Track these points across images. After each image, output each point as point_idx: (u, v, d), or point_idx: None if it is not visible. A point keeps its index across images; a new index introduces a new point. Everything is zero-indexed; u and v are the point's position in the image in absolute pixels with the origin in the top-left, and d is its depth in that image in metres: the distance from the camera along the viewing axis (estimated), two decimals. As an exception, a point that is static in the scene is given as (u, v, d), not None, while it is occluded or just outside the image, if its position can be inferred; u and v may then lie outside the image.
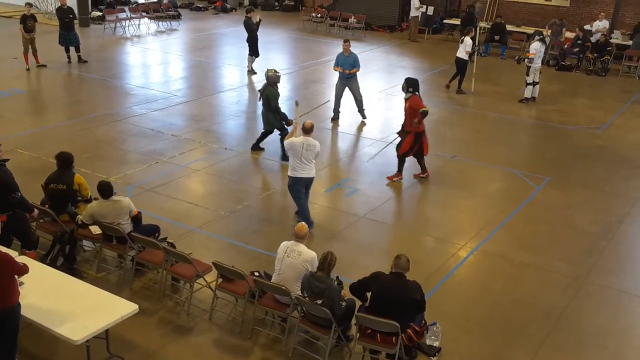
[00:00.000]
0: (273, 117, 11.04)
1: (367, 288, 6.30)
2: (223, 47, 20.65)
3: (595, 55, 18.45)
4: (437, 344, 6.56)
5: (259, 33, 16.75)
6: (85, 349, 5.83)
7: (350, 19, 22.83)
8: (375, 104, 14.09)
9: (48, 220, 7.97)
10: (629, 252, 8.97)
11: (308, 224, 8.62)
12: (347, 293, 6.51)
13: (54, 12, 18.80)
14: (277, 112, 11.01)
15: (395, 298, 6.06)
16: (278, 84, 11.12)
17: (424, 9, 21.99)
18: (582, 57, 18.67)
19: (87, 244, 8.08)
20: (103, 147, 11.61)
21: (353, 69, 13.10)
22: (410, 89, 10.30)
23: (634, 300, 7.73)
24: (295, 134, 8.90)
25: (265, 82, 11.07)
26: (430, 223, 9.52)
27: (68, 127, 12.59)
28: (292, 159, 8.66)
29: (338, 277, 6.90)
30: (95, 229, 7.58)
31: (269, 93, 10.93)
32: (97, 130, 12.41)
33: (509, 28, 21.00)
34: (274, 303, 6.67)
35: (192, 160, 11.15)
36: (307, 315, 6.43)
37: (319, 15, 23.64)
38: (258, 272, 7.15)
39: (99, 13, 22.46)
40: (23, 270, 5.64)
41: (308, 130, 8.67)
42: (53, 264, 7.29)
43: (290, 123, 10.95)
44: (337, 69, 13.24)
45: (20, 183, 7.39)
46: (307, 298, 6.29)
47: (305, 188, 8.88)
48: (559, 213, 9.79)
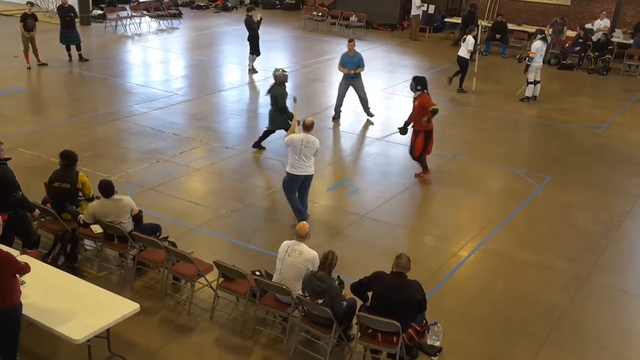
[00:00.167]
0: (280, 116, 11.03)
1: (368, 287, 6.30)
2: (224, 45, 20.64)
3: (597, 54, 18.43)
4: (438, 344, 6.56)
5: (260, 31, 16.74)
6: (87, 348, 5.83)
7: (351, 18, 22.83)
8: (377, 103, 14.06)
9: (49, 219, 7.98)
10: (630, 251, 8.96)
11: (302, 218, 8.73)
12: (348, 292, 6.51)
13: (55, 10, 18.79)
14: (284, 111, 10.97)
15: (396, 298, 6.06)
16: (286, 83, 11.08)
17: (425, 8, 21.97)
18: (583, 55, 18.64)
19: (88, 243, 8.09)
20: (104, 145, 11.61)
21: (358, 69, 13.07)
22: (419, 87, 10.23)
23: (635, 300, 7.73)
24: (295, 131, 8.92)
25: (273, 81, 11.03)
26: (431, 222, 9.52)
27: (69, 125, 12.60)
28: (291, 156, 8.68)
29: (339, 276, 6.89)
30: (97, 228, 7.58)
31: (277, 92, 10.90)
32: (98, 129, 12.41)
33: (510, 27, 20.95)
34: (275, 302, 6.67)
35: (193, 159, 11.15)
36: (308, 315, 6.43)
37: (320, 14, 23.62)
38: (259, 271, 7.15)
39: (100, 11, 22.44)
40: (24, 270, 5.64)
41: (308, 127, 8.68)
42: (54, 263, 7.29)
43: (299, 123, 10.91)
44: (342, 70, 13.16)
45: (21, 182, 7.39)
46: (308, 297, 6.29)
47: (303, 186, 8.89)
48: (560, 212, 9.78)
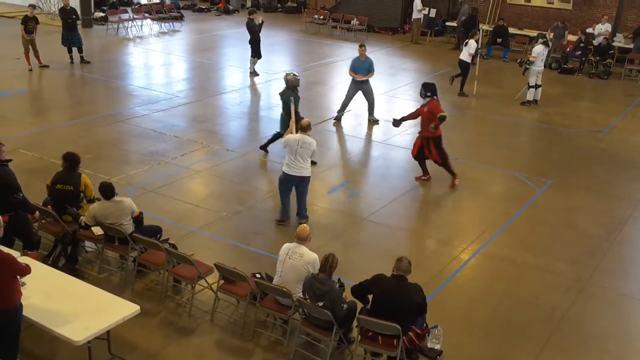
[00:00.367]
0: (287, 118, 10.84)
1: (368, 290, 6.30)
2: (225, 48, 20.67)
3: (598, 59, 18.44)
4: (438, 347, 6.55)
5: (262, 35, 16.77)
6: (87, 350, 5.82)
7: (353, 21, 22.87)
8: (378, 106, 14.05)
9: (50, 221, 7.97)
10: (632, 254, 8.96)
11: (283, 219, 8.99)
12: (348, 295, 6.51)
13: (57, 12, 18.83)
14: (295, 116, 10.78)
15: (397, 301, 6.05)
16: (298, 87, 10.97)
17: (427, 12, 22.02)
18: (584, 60, 18.67)
19: (89, 245, 8.09)
20: (105, 147, 11.61)
21: (368, 74, 13.13)
22: (429, 94, 10.25)
23: (637, 303, 7.73)
24: (293, 131, 8.97)
25: (285, 86, 10.90)
26: (432, 225, 9.52)
27: (70, 127, 12.61)
28: (287, 156, 8.76)
29: (340, 279, 6.88)
30: (97, 230, 7.57)
31: (288, 97, 10.73)
32: (99, 131, 12.41)
33: (512, 31, 21.01)
34: (276, 305, 6.66)
35: (194, 162, 11.15)
36: (308, 318, 6.42)
37: (322, 17, 23.64)
38: (259, 273, 7.14)
39: (102, 14, 22.49)
40: (25, 271, 5.64)
41: (305, 128, 8.73)
42: (55, 265, 7.30)
43: (294, 124, 10.89)
44: (353, 75, 13.14)
45: (22, 183, 7.40)
46: (308, 300, 6.28)
47: (299, 188, 8.91)
48: (561, 215, 9.78)
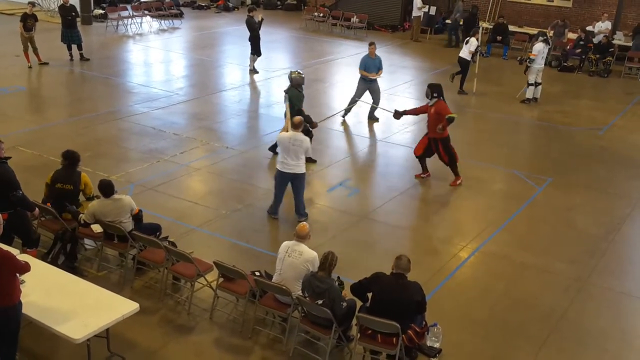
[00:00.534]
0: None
1: (367, 289, 6.30)
2: (225, 45, 20.65)
3: (598, 57, 18.43)
4: (437, 345, 6.56)
5: (261, 32, 16.75)
6: (86, 348, 5.84)
7: (353, 19, 22.83)
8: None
9: (49, 219, 7.97)
10: (631, 253, 8.96)
11: (272, 212, 9.10)
12: (347, 293, 6.51)
13: (57, 9, 18.81)
14: (300, 114, 10.56)
15: (396, 299, 6.05)
16: (303, 86, 10.89)
17: (426, 9, 21.98)
18: (584, 58, 18.66)
19: (88, 243, 8.09)
20: (104, 145, 11.61)
21: (379, 72, 13.17)
22: (435, 95, 10.22)
23: (635, 302, 7.73)
24: (288, 129, 8.97)
25: (289, 84, 10.82)
26: (432, 223, 9.52)
27: (70, 124, 12.60)
28: (280, 153, 8.79)
29: (339, 277, 6.89)
30: (97, 228, 7.58)
31: (292, 95, 10.66)
32: (98, 128, 12.41)
33: (512, 29, 20.98)
34: (275, 303, 6.67)
35: (193, 159, 11.15)
36: (307, 316, 6.42)
37: (322, 15, 23.63)
38: (259, 271, 7.15)
39: (102, 11, 22.45)
40: (25, 269, 5.64)
41: (297, 126, 8.74)
42: (54, 263, 7.29)
43: (315, 125, 10.84)
44: (363, 73, 13.12)
45: (22, 181, 7.39)
46: (307, 298, 6.28)
47: (294, 185, 8.92)
48: (561, 214, 9.78)
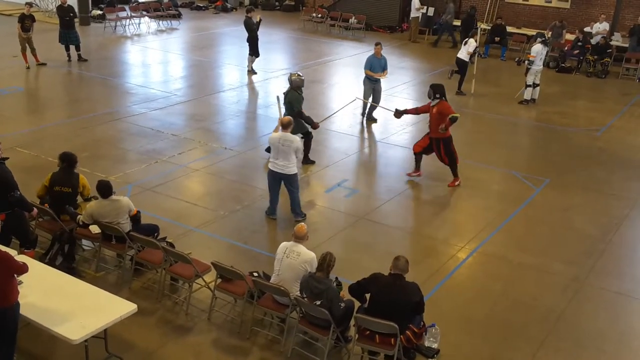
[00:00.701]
0: (295, 122, 10.40)
1: (365, 289, 6.30)
2: (223, 46, 20.65)
3: (595, 58, 18.48)
4: (435, 346, 6.56)
5: (259, 33, 16.76)
6: (84, 349, 5.83)
7: (351, 19, 22.85)
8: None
9: (47, 219, 7.96)
10: (628, 254, 8.97)
11: (270, 213, 9.13)
12: (346, 294, 6.51)
13: (55, 10, 18.79)
14: (300, 116, 10.65)
15: (394, 299, 6.05)
16: (302, 88, 10.82)
17: (425, 10, 22.02)
18: (582, 59, 18.69)
19: (86, 243, 8.08)
20: (102, 146, 11.60)
21: (384, 72, 13.17)
22: (438, 95, 10.22)
23: (633, 303, 7.74)
24: (279, 130, 8.97)
25: (289, 86, 10.77)
26: (430, 224, 9.52)
27: (68, 125, 12.59)
28: (271, 153, 8.87)
29: (337, 278, 6.89)
30: (95, 228, 7.57)
31: (292, 97, 10.62)
32: (96, 129, 12.40)
33: (509, 30, 21.02)
34: (273, 304, 6.67)
35: (191, 160, 11.15)
36: (305, 316, 6.42)
37: (320, 16, 23.65)
38: (257, 272, 7.14)
39: (100, 12, 22.47)
40: (22, 269, 5.63)
41: (285, 126, 8.77)
42: (52, 263, 7.28)
43: (317, 126, 10.81)
44: (370, 73, 13.10)
45: (20, 181, 7.38)
46: (306, 299, 6.29)
47: (286, 184, 8.94)
48: (558, 215, 9.79)
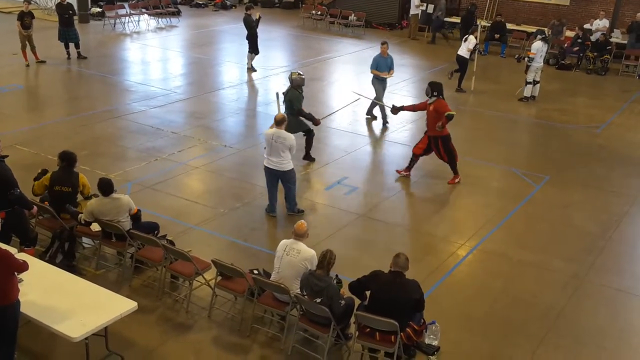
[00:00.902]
0: (296, 120, 10.53)
1: (366, 287, 6.30)
2: (223, 44, 20.62)
3: (595, 54, 18.47)
4: (435, 343, 6.57)
5: (259, 30, 16.74)
6: (84, 346, 5.84)
7: (351, 17, 22.82)
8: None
9: (47, 217, 7.97)
10: (628, 251, 8.97)
11: (270, 210, 9.15)
12: (346, 291, 6.52)
13: (54, 8, 18.77)
14: (301, 114, 10.64)
15: (394, 297, 6.06)
16: (303, 87, 10.72)
17: (424, 7, 21.98)
18: (582, 56, 18.68)
19: (86, 241, 8.09)
20: (102, 143, 11.59)
21: (390, 71, 13.17)
22: (435, 93, 10.22)
23: (633, 300, 7.75)
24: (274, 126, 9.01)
25: (289, 85, 10.67)
26: (430, 221, 9.52)
27: (67, 123, 12.58)
28: (266, 149, 8.90)
29: (337, 275, 6.90)
30: (95, 226, 7.57)
31: (292, 96, 10.54)
32: (96, 127, 12.39)
33: (509, 26, 20.98)
34: (273, 301, 6.67)
35: (191, 158, 11.15)
36: (306, 314, 6.43)
37: (319, 13, 23.63)
38: (257, 270, 7.15)
39: (99, 9, 22.43)
40: (23, 267, 5.63)
41: (278, 122, 8.77)
42: (52, 261, 7.29)
43: (318, 122, 10.78)
44: (376, 73, 13.07)
45: (19, 179, 7.37)
46: (306, 296, 6.29)
47: (281, 181, 8.97)
48: (558, 212, 9.79)
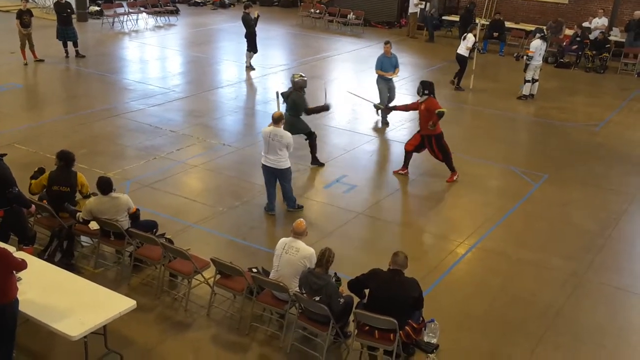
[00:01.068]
0: (297, 121, 10.48)
1: (365, 285, 6.30)
2: (221, 42, 20.61)
3: (594, 53, 18.48)
4: (434, 341, 6.57)
5: (258, 29, 16.74)
6: (83, 345, 5.83)
7: (349, 15, 22.82)
8: (374, 101, 14.04)
9: (46, 216, 7.96)
10: (627, 249, 8.97)
11: (269, 209, 9.14)
12: (345, 289, 6.51)
13: (52, 6, 18.75)
14: (311, 112, 10.66)
15: (393, 295, 6.06)
16: (305, 89, 10.59)
17: (423, 6, 21.98)
18: (580, 54, 18.68)
19: (85, 240, 8.08)
20: (100, 142, 11.58)
21: (396, 70, 13.13)
22: (426, 92, 10.21)
23: (632, 298, 7.75)
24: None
25: (292, 87, 10.54)
26: (428, 220, 9.52)
27: (66, 122, 12.56)
28: (263, 147, 8.90)
29: (336, 273, 6.89)
30: (93, 225, 7.56)
31: (297, 98, 10.42)
32: (94, 125, 12.37)
33: (508, 25, 20.99)
34: (272, 299, 6.67)
35: (190, 156, 11.14)
36: (305, 312, 6.43)
37: (318, 11, 23.63)
38: (256, 268, 7.15)
39: (97, 8, 22.42)
40: (21, 266, 5.63)
41: (276, 121, 8.77)
42: (51, 260, 7.27)
43: (329, 107, 10.87)
44: (381, 73, 13.01)
45: (18, 178, 7.37)
46: (305, 295, 6.28)
47: (278, 178, 8.97)
48: (557, 210, 9.79)
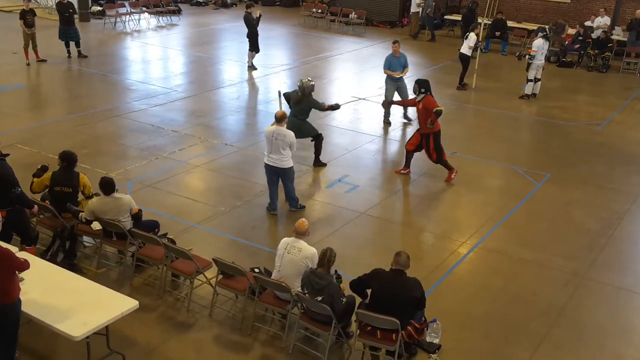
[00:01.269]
0: (304, 124, 10.47)
1: (367, 285, 6.30)
2: (223, 42, 20.62)
3: (596, 52, 18.46)
4: (437, 341, 6.57)
5: (259, 28, 16.74)
6: (85, 345, 5.83)
7: (351, 15, 22.83)
8: (376, 100, 14.05)
9: (48, 216, 7.97)
10: (629, 248, 8.96)
11: (271, 209, 9.15)
12: (347, 290, 6.51)
13: (54, 6, 18.76)
14: (328, 110, 10.81)
15: (395, 295, 6.05)
16: (313, 92, 10.54)
17: (423, 5, 21.95)
18: (582, 53, 18.67)
19: (87, 240, 8.09)
20: (103, 142, 11.59)
21: (404, 69, 13.06)
22: (423, 90, 10.20)
23: (634, 297, 7.74)
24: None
25: (299, 92, 10.40)
26: (430, 219, 9.52)
27: (68, 122, 12.58)
28: (266, 147, 8.90)
29: (337, 271, 6.89)
30: (96, 225, 7.58)
31: (312, 102, 10.43)
32: (96, 126, 12.39)
33: (510, 24, 20.98)
34: (274, 300, 6.67)
35: (192, 156, 11.14)
36: (307, 312, 6.43)
37: (320, 11, 23.65)
38: (258, 268, 7.15)
39: (99, 8, 22.44)
40: (24, 266, 5.63)
41: (278, 120, 8.77)
42: (53, 260, 7.29)
43: (338, 105, 10.91)
44: (389, 73, 12.95)
45: (20, 178, 7.37)
46: (307, 294, 6.29)
47: (281, 178, 8.97)
48: (559, 209, 9.78)
